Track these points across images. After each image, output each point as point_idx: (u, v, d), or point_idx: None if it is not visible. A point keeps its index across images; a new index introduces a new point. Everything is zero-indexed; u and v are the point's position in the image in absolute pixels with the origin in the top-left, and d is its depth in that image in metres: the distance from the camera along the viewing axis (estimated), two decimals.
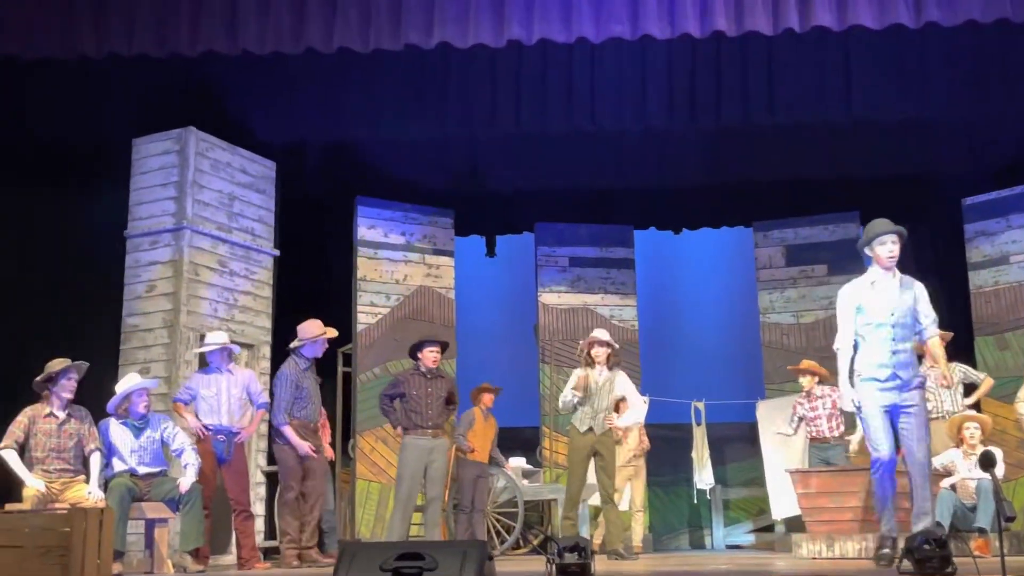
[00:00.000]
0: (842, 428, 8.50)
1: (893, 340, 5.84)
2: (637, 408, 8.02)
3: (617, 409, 8.17)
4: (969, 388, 8.43)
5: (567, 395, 7.75)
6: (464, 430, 8.71)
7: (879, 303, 5.89)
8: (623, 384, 7.88)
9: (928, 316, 5.97)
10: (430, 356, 7.71)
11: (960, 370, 8.30)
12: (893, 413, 5.85)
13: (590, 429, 7.69)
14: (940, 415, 8.07)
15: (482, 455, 8.76)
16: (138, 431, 6.76)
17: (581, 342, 8.05)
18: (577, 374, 7.80)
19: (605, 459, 7.67)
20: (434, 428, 7.61)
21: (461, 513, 8.58)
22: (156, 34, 7.82)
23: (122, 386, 6.82)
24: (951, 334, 8.46)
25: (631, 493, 9.52)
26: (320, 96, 9.53)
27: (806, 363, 8.81)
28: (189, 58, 7.99)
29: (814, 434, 8.57)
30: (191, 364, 7.99)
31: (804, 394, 8.71)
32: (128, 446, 6.72)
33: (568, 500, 7.75)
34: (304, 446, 7.18)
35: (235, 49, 7.84)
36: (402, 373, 7.99)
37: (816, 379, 8.63)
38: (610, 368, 7.80)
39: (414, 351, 7.82)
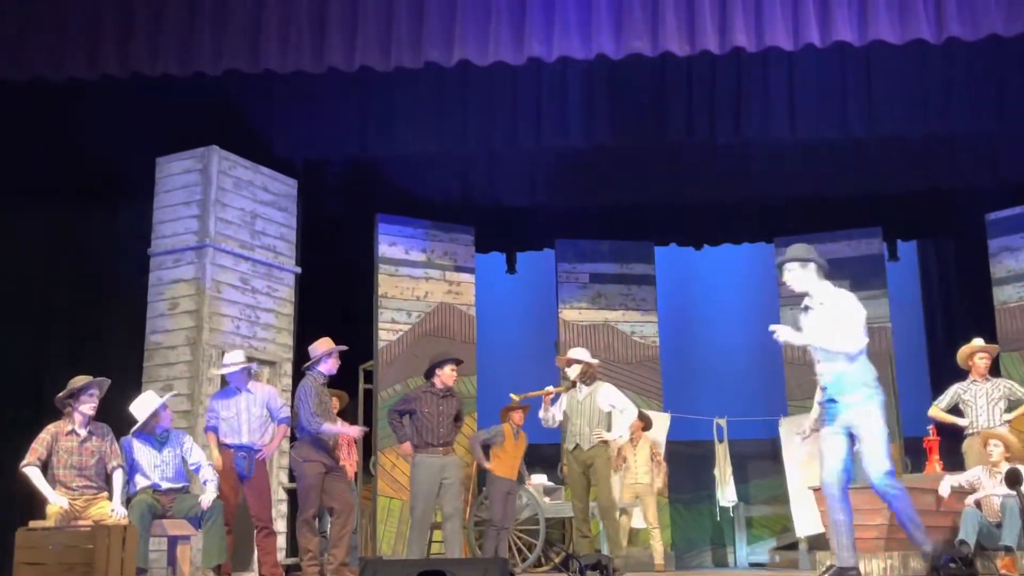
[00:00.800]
0: None
1: (819, 363, 5.73)
2: (622, 418, 7.89)
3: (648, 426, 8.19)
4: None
5: (540, 411, 7.98)
6: (482, 439, 8.73)
7: (806, 327, 5.77)
8: (607, 397, 7.83)
9: (839, 332, 5.57)
10: (452, 375, 7.75)
11: (1005, 386, 8.11)
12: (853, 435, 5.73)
13: (577, 446, 7.77)
14: (975, 431, 7.95)
15: (511, 472, 8.73)
16: (160, 446, 6.79)
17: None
18: (548, 389, 8.01)
19: (596, 475, 7.72)
20: (445, 446, 7.64)
21: (491, 528, 8.57)
22: (179, 54, 7.89)
23: (138, 405, 6.83)
24: (996, 346, 8.32)
25: (643, 510, 9.48)
26: (341, 114, 9.58)
27: None
28: (212, 77, 8.06)
29: None
30: (213, 382, 8.02)
31: None
32: (151, 461, 6.74)
33: (577, 517, 7.86)
34: (353, 429, 7.55)
35: (257, 68, 7.90)
36: (414, 391, 8.03)
37: None
38: (588, 383, 7.83)
39: (433, 369, 7.83)
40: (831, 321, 5.60)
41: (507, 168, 10.61)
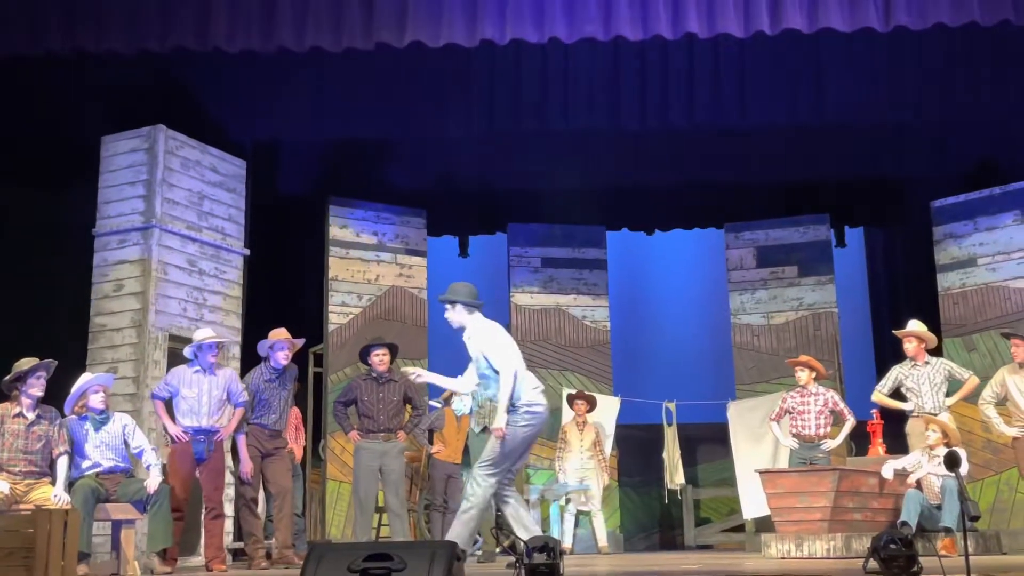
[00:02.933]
0: (829, 428, 8.33)
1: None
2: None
3: None
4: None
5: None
6: (426, 425, 8.71)
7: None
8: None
9: (497, 366, 5.95)
10: (376, 360, 7.70)
11: (945, 368, 8.12)
12: None
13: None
14: (920, 415, 8.00)
15: (454, 455, 8.72)
16: (98, 425, 6.71)
17: None
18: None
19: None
20: (386, 432, 7.60)
21: (434, 512, 8.56)
22: (125, 30, 7.75)
23: (78, 385, 6.76)
24: (925, 331, 8.26)
25: (588, 494, 9.54)
26: (292, 95, 9.48)
27: (805, 358, 8.65)
28: (159, 55, 7.92)
29: (799, 431, 8.24)
30: (159, 364, 7.92)
31: (798, 389, 8.48)
32: (90, 441, 6.66)
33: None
34: (245, 466, 7.14)
35: (205, 46, 7.78)
36: (355, 379, 7.98)
37: (814, 375, 8.42)
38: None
39: (363, 356, 7.80)
40: (480, 353, 6.01)
41: (460, 151, 10.57)
